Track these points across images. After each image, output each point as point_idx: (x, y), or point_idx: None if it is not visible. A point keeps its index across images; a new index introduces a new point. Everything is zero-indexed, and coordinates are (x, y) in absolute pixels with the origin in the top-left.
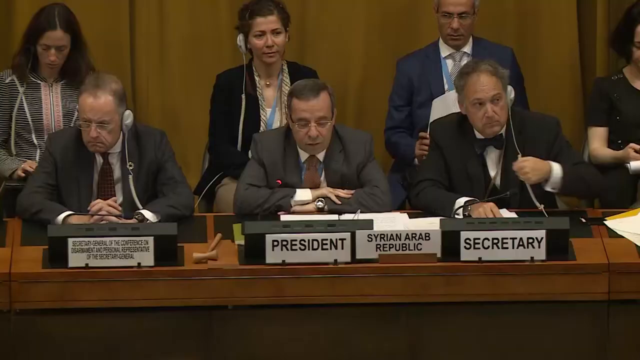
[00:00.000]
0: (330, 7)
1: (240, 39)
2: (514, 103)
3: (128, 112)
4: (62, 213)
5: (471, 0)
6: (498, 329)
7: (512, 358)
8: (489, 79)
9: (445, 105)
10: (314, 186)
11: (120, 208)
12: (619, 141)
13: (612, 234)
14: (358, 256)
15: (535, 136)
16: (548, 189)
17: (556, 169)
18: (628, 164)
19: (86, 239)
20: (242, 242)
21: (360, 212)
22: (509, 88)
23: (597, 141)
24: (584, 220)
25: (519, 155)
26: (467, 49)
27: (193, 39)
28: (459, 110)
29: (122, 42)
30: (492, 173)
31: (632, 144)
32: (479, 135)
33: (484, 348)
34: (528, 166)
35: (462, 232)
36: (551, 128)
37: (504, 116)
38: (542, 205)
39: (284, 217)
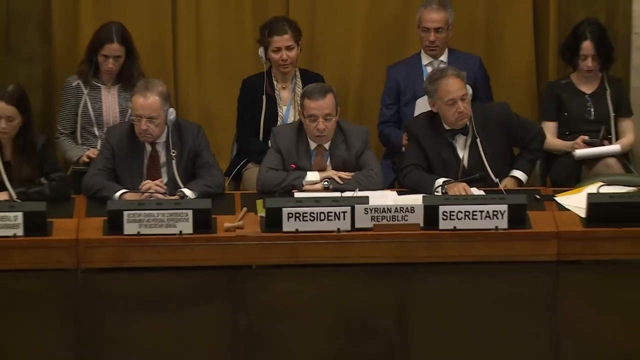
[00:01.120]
0: (334, 23)
1: (261, 51)
2: (480, 99)
3: (171, 109)
4: (118, 191)
5: (445, 18)
6: (469, 284)
7: (480, 308)
8: (456, 81)
9: (425, 103)
10: (321, 169)
11: (165, 187)
12: (567, 133)
13: (561, 207)
14: (357, 225)
15: (492, 121)
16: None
17: (522, 177)
18: (574, 152)
19: (138, 212)
20: (264, 214)
21: (359, 190)
22: (468, 86)
23: (549, 133)
24: (538, 197)
25: (478, 140)
26: (444, 57)
27: (223, 50)
28: (432, 109)
29: (166, 52)
30: (461, 155)
31: (582, 136)
32: (447, 127)
33: (457, 300)
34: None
35: (440, 206)
36: (503, 112)
37: (469, 109)
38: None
39: (297, 194)
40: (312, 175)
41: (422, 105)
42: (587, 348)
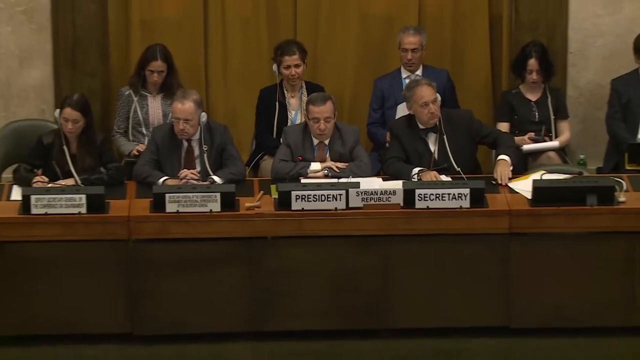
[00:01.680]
0: (332, 45)
1: (274, 67)
2: (448, 106)
3: (203, 113)
4: (161, 178)
5: (419, 40)
6: (438, 252)
7: (447, 271)
8: (428, 88)
9: (404, 108)
10: (322, 161)
11: (198, 175)
12: (516, 132)
13: (512, 191)
14: (350, 205)
15: (457, 123)
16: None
17: (508, 160)
18: (522, 147)
19: (177, 194)
20: (277, 196)
21: (352, 177)
22: (437, 94)
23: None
24: (493, 183)
25: (445, 137)
26: (419, 72)
27: (244, 65)
28: (411, 112)
29: (199, 68)
30: (432, 149)
31: (529, 134)
32: (421, 126)
33: (429, 265)
34: (504, 172)
35: (416, 190)
36: (467, 117)
37: (438, 112)
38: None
39: (303, 181)
40: (315, 165)
41: (402, 110)
42: (532, 301)
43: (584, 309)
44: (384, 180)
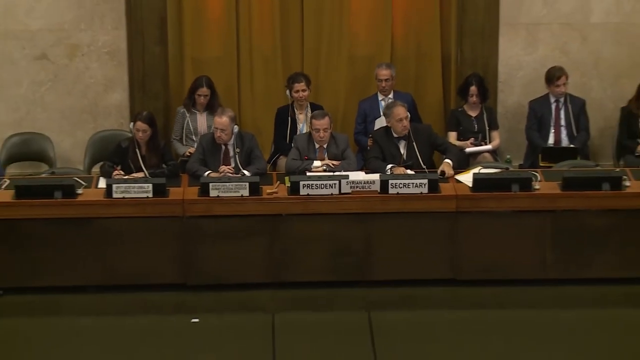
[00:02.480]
0: (329, 76)
1: (287, 92)
2: (413, 121)
3: (236, 126)
4: (206, 172)
5: (390, 73)
6: (405, 226)
7: (412, 240)
8: (402, 108)
9: (381, 122)
10: (322, 159)
11: (232, 170)
12: (461, 138)
13: (458, 181)
14: (342, 191)
15: (421, 134)
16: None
17: (451, 162)
18: (465, 149)
19: (218, 183)
20: (289, 185)
21: (343, 171)
22: (408, 113)
23: (452, 138)
24: (440, 177)
25: (413, 143)
26: (391, 96)
27: (266, 90)
28: (385, 124)
29: (234, 92)
30: (402, 152)
31: (470, 140)
32: (395, 135)
33: (398, 235)
34: (447, 170)
35: (389, 180)
36: (428, 130)
37: (409, 125)
38: (425, 170)
39: (309, 174)
40: (317, 163)
41: (379, 123)
42: (472, 260)
43: (510, 265)
44: (366, 173)
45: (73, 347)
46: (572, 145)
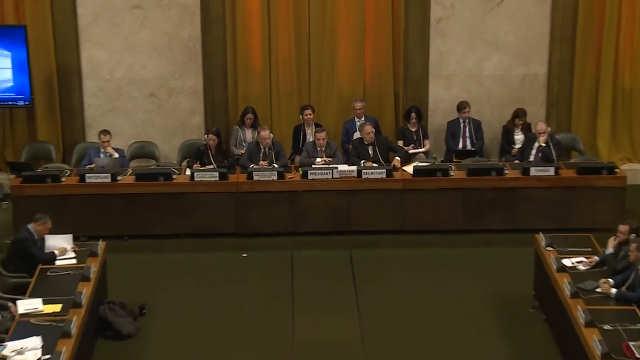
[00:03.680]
0: (326, 106)
1: (300, 116)
2: (376, 133)
3: (271, 135)
4: (251, 165)
5: (363, 105)
6: (372, 198)
7: (374, 205)
8: (370, 126)
9: (357, 135)
10: (322, 158)
11: (267, 163)
12: (406, 145)
13: (404, 171)
14: (334, 177)
15: (382, 142)
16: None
17: (399, 159)
18: (409, 152)
19: (259, 172)
20: (301, 173)
21: (334, 165)
22: (373, 129)
23: (400, 144)
24: (393, 168)
25: (376, 147)
26: (362, 119)
27: (288, 115)
28: (360, 136)
29: (267, 116)
30: (370, 153)
31: (411, 145)
32: (366, 142)
33: (367, 203)
34: (398, 164)
35: (362, 170)
36: (386, 139)
37: (374, 136)
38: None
39: (314, 166)
40: (319, 160)
41: (356, 135)
42: (413, 217)
43: (437, 221)
44: (349, 166)
45: (171, 271)
46: (473, 149)
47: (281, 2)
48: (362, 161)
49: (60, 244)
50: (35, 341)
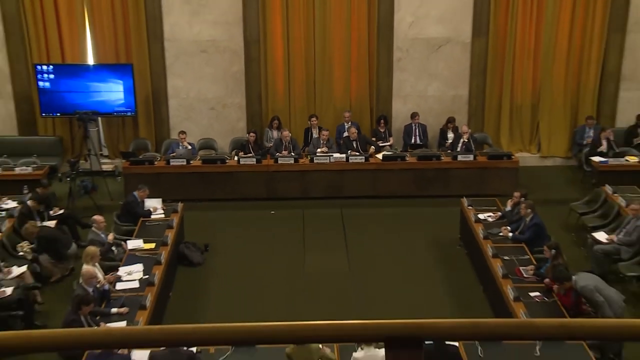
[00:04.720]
0: (325, 115)
1: (308, 121)
2: (358, 133)
3: (290, 134)
4: (277, 154)
5: (350, 114)
6: (355, 175)
7: (358, 179)
8: (354, 129)
9: (347, 134)
10: (322, 149)
11: (287, 152)
12: (377, 140)
13: (376, 157)
14: (331, 161)
15: (361, 138)
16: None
17: (373, 149)
18: (379, 144)
19: (282, 157)
20: (310, 159)
21: (331, 153)
22: (356, 130)
23: (373, 139)
24: (372, 154)
25: (358, 142)
26: (349, 124)
27: (301, 121)
28: (348, 135)
29: (287, 121)
30: (355, 146)
31: (381, 140)
32: (352, 139)
33: (352, 178)
34: (373, 153)
35: (349, 156)
36: (364, 136)
37: (357, 135)
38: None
39: (317, 154)
40: (320, 150)
41: (345, 134)
42: (385, 185)
43: (400, 189)
44: (340, 154)
45: (225, 222)
46: (421, 143)
47: (297, 48)
48: (349, 151)
49: (154, 204)
50: (139, 267)
